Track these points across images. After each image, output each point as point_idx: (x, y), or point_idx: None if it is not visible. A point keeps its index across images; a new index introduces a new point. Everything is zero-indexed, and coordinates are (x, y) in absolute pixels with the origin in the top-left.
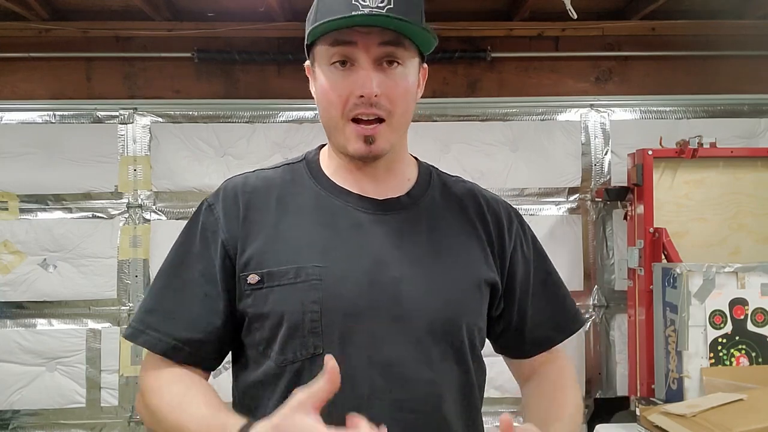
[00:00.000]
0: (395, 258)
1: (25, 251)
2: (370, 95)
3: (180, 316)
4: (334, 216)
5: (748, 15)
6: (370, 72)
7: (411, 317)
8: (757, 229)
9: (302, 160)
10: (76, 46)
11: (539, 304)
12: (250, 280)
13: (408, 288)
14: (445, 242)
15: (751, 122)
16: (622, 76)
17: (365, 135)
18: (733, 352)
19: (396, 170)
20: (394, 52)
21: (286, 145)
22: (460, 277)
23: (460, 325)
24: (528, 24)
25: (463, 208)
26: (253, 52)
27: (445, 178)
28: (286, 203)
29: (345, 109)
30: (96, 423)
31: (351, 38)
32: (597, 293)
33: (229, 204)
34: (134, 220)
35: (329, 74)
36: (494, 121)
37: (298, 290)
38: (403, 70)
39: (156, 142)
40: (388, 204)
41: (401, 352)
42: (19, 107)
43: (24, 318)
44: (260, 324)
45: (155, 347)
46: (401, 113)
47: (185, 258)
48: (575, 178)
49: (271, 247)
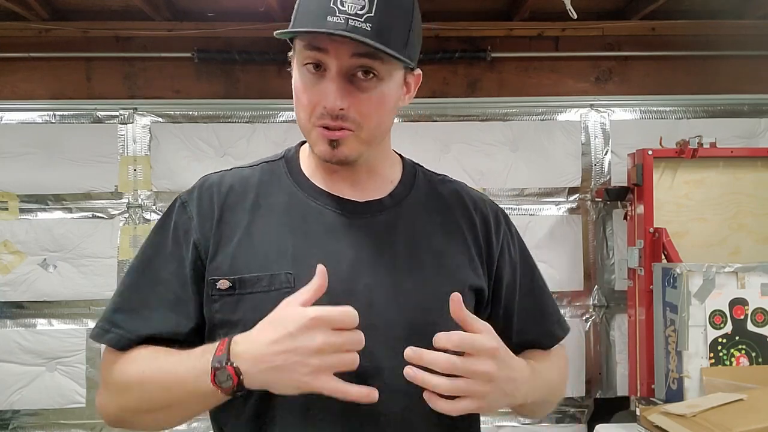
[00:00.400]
0: (370, 265)
1: (25, 251)
2: (333, 110)
3: (147, 314)
4: (310, 219)
5: (748, 15)
6: (336, 84)
7: (386, 326)
8: (757, 229)
9: (281, 158)
10: (76, 46)
11: (525, 308)
12: (220, 286)
13: (383, 296)
14: (428, 247)
15: (751, 122)
16: (622, 76)
17: (330, 139)
18: (733, 352)
19: (378, 171)
20: (369, 63)
21: (286, 145)
22: (441, 284)
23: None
24: (528, 24)
25: (448, 210)
26: (253, 52)
27: (431, 177)
28: (261, 204)
29: (312, 115)
30: (96, 423)
31: (322, 45)
32: (597, 293)
33: (204, 203)
34: (134, 220)
35: (302, 76)
36: (494, 121)
37: (272, 299)
38: (378, 84)
39: (156, 142)
40: (368, 206)
41: (378, 362)
42: (19, 107)
43: (24, 318)
44: (227, 331)
45: (118, 344)
46: (374, 126)
47: (156, 256)
48: (575, 178)
49: (244, 252)
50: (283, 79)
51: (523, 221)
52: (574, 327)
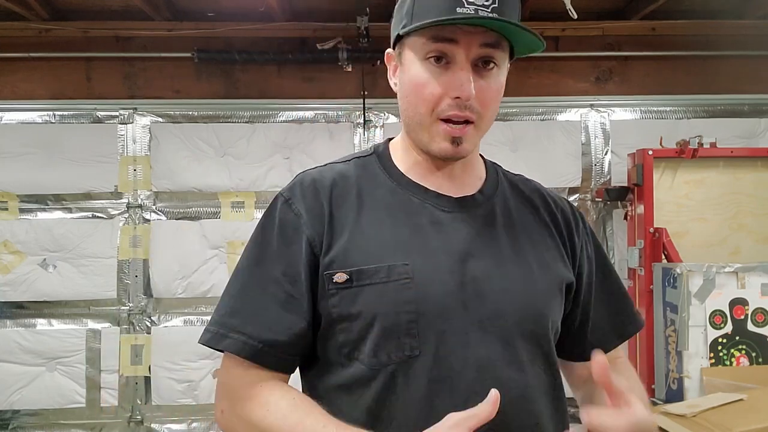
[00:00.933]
0: (476, 255)
1: (25, 251)
2: (468, 98)
3: (264, 318)
4: (414, 213)
5: (748, 15)
6: (469, 74)
7: (499, 318)
8: (757, 229)
9: (372, 154)
10: (76, 46)
11: (601, 306)
12: (336, 279)
13: (494, 287)
14: (524, 239)
15: (751, 122)
16: (622, 76)
17: (453, 136)
18: (733, 352)
19: (471, 168)
20: (492, 53)
21: (286, 144)
22: (542, 277)
23: (547, 325)
24: (528, 24)
25: (534, 207)
26: (253, 52)
27: (511, 177)
28: (364, 199)
29: (437, 108)
30: (96, 423)
31: (453, 36)
32: None
33: (310, 199)
34: (134, 220)
35: (423, 69)
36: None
37: (391, 290)
38: (498, 72)
39: (156, 142)
40: (464, 201)
41: (492, 353)
42: (19, 107)
43: (24, 318)
44: (347, 325)
45: (241, 351)
46: (490, 117)
47: (264, 257)
48: (575, 178)
49: (356, 244)
50: (282, 79)
51: None
52: None
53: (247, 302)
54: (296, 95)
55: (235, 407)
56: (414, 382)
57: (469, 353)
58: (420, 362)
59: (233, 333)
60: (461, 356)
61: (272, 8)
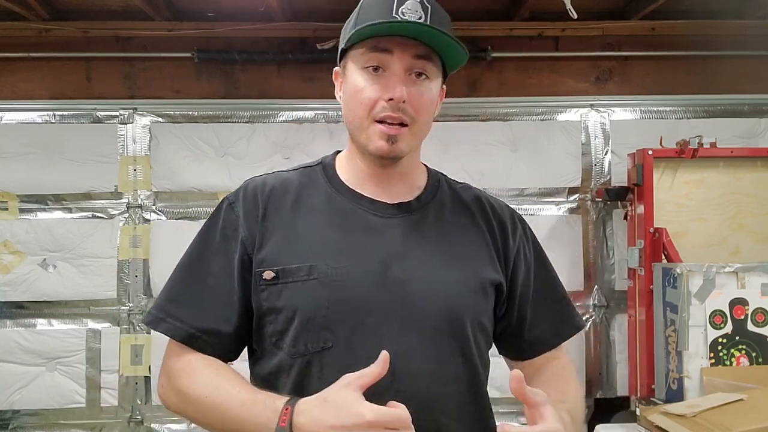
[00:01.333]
0: (404, 258)
1: (25, 251)
2: (399, 99)
3: (200, 306)
4: (347, 218)
5: (748, 15)
6: (401, 79)
7: (418, 315)
8: (757, 229)
9: (318, 164)
10: (76, 46)
11: (538, 306)
12: (265, 276)
13: (415, 287)
14: (453, 244)
15: (751, 122)
16: (622, 76)
17: (388, 134)
18: (733, 352)
19: (408, 177)
20: (424, 65)
21: (286, 145)
22: (466, 278)
23: (465, 322)
24: (528, 24)
25: (470, 213)
26: (253, 52)
27: (453, 185)
28: (301, 204)
29: (373, 110)
30: (96, 423)
31: (388, 46)
32: (597, 293)
33: (249, 203)
34: (134, 220)
35: (362, 77)
36: (494, 121)
37: (310, 287)
38: (429, 84)
39: (156, 142)
40: (398, 207)
41: (407, 347)
42: (19, 107)
43: (24, 318)
44: (273, 317)
45: (176, 335)
46: (423, 122)
47: (205, 252)
48: (575, 178)
49: (286, 246)
50: (283, 79)
51: None
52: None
53: (186, 291)
54: (296, 95)
55: (170, 381)
56: (327, 371)
57: (384, 347)
58: (332, 353)
59: (170, 318)
60: (374, 349)
61: (272, 8)
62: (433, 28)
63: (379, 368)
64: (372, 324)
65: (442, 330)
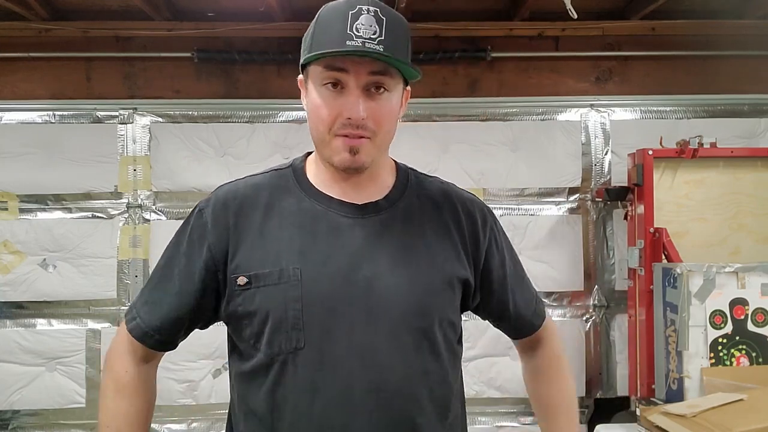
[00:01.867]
0: (369, 257)
1: (25, 251)
2: (357, 119)
3: (157, 307)
4: (316, 220)
5: (748, 15)
6: (358, 97)
7: (383, 311)
8: (757, 229)
9: (289, 167)
10: (76, 46)
11: (515, 292)
12: (239, 282)
13: (381, 284)
14: (419, 242)
15: (751, 122)
16: (622, 76)
17: (351, 146)
18: (733, 352)
19: (377, 178)
20: (381, 80)
21: (286, 145)
22: (431, 274)
23: (432, 317)
24: (528, 24)
25: (438, 210)
26: (253, 52)
27: (422, 180)
28: (272, 208)
29: (333, 127)
30: (96, 423)
31: (343, 65)
32: (597, 293)
33: (218, 211)
34: (134, 220)
35: (321, 94)
36: (494, 121)
37: (281, 290)
38: (389, 96)
39: (156, 142)
40: (366, 208)
41: (376, 342)
42: (19, 107)
43: (24, 318)
44: (249, 321)
45: (134, 332)
46: (385, 132)
47: (174, 255)
48: (575, 178)
49: (257, 252)
50: (283, 79)
51: (523, 221)
52: (574, 327)
53: (153, 293)
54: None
55: (109, 367)
56: (301, 370)
57: (353, 343)
58: (305, 352)
59: (137, 318)
60: (345, 346)
61: (272, 8)
62: (382, 55)
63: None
64: (342, 323)
65: (410, 327)
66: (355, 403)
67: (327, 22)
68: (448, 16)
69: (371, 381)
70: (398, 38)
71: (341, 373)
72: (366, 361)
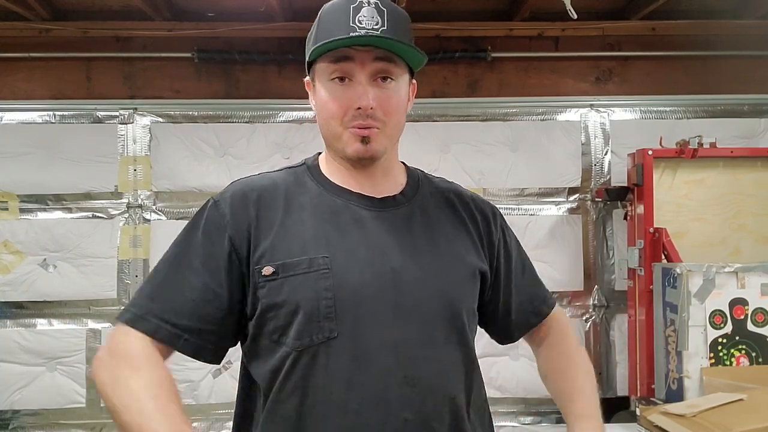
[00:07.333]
0: (395, 249)
1: (25, 251)
2: (367, 107)
3: (180, 304)
4: (337, 212)
5: (748, 15)
6: (366, 86)
7: (414, 303)
8: (757, 229)
9: (303, 165)
10: (76, 46)
11: (521, 289)
12: (264, 272)
13: (408, 276)
14: (440, 235)
15: (751, 122)
16: (622, 76)
17: (362, 135)
18: (733, 352)
19: (390, 173)
20: (387, 68)
21: (286, 145)
22: (455, 266)
23: (460, 308)
24: (528, 24)
25: (452, 205)
26: (253, 52)
27: (432, 179)
28: (292, 202)
29: (344, 119)
30: (96, 423)
31: (349, 54)
32: (597, 293)
33: (237, 203)
34: (134, 220)
35: (329, 89)
36: (494, 121)
37: (312, 279)
38: (396, 85)
39: (156, 142)
40: (385, 201)
41: (407, 334)
42: (19, 107)
43: (24, 318)
44: (275, 313)
45: (156, 334)
46: (394, 123)
47: (188, 250)
48: (575, 178)
49: (283, 242)
50: (283, 79)
51: (523, 221)
52: (574, 327)
53: (167, 289)
54: (296, 95)
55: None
56: (334, 361)
57: (385, 335)
58: (338, 342)
59: (149, 316)
60: (377, 337)
61: (272, 8)
62: (387, 38)
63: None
64: (372, 314)
65: (439, 318)
66: (391, 398)
67: (329, 17)
68: (448, 17)
69: (404, 373)
70: (400, 27)
71: (375, 364)
72: (399, 352)
